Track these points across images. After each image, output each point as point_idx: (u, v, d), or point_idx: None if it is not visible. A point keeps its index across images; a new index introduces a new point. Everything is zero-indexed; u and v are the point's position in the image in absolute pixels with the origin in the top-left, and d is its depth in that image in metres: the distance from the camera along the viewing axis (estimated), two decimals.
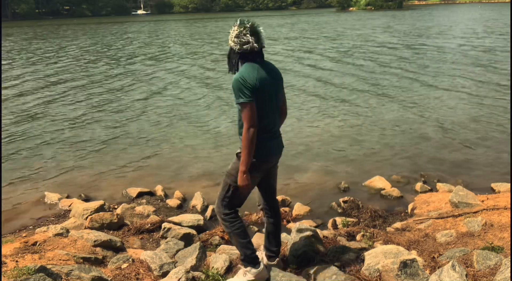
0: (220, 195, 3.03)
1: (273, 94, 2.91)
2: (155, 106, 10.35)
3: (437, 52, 18.34)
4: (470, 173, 5.90)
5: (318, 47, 21.72)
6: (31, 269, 2.91)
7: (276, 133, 3.01)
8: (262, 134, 2.84)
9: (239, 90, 2.74)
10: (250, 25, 2.81)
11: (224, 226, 3.08)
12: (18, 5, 79.69)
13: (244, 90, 2.73)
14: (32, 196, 5.55)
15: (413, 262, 3.06)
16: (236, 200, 3.01)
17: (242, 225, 3.05)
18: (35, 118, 9.45)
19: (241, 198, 3.01)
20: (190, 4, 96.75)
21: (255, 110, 2.76)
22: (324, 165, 6.38)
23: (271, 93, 2.89)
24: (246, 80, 2.74)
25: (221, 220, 3.06)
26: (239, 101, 2.75)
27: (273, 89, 2.90)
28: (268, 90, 2.85)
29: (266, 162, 2.99)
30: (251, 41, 2.79)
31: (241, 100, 2.74)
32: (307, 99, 10.48)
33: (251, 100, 2.74)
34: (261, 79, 2.80)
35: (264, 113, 2.85)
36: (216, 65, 16.75)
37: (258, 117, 2.78)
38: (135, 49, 23.98)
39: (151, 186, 5.71)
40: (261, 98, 2.80)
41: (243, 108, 2.76)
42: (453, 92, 10.71)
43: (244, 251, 3.06)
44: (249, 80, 2.75)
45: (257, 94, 2.77)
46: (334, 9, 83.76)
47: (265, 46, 2.89)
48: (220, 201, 3.03)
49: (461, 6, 78.72)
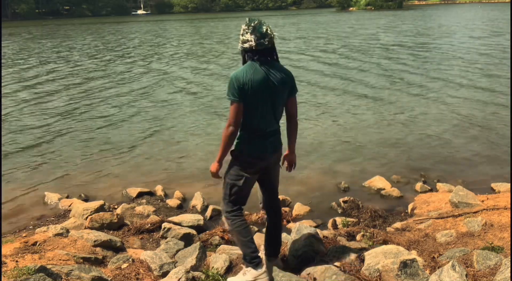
0: (222, 194, 3.11)
1: (270, 96, 2.87)
2: (155, 106, 10.35)
3: (441, 52, 18.35)
4: (470, 173, 5.90)
5: (316, 47, 21.74)
6: (31, 269, 2.91)
7: (270, 133, 2.98)
8: (252, 133, 2.92)
9: (229, 88, 2.84)
10: (254, 24, 2.82)
11: (226, 224, 3.13)
12: (18, 5, 79.67)
13: (233, 89, 2.80)
14: (32, 196, 5.55)
15: (413, 262, 3.06)
16: (236, 198, 3.05)
17: (243, 223, 3.06)
18: (35, 118, 9.44)
19: (241, 196, 3.06)
20: (190, 4, 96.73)
21: (241, 110, 2.83)
22: (324, 165, 6.38)
23: (267, 94, 2.86)
24: (239, 79, 2.79)
25: (224, 218, 3.13)
26: (227, 98, 2.87)
27: (271, 91, 2.87)
28: (263, 91, 2.83)
29: (258, 159, 2.99)
30: (251, 40, 2.80)
31: (228, 98, 2.85)
32: (307, 99, 10.48)
33: (237, 100, 2.81)
34: (256, 80, 2.80)
35: (257, 113, 2.87)
36: (223, 64, 16.75)
37: (249, 117, 2.86)
38: (144, 48, 23.99)
39: (151, 186, 5.71)
40: (254, 99, 2.82)
41: (230, 105, 2.85)
42: (453, 92, 10.71)
43: (244, 249, 3.07)
44: (241, 80, 2.78)
45: (248, 94, 2.80)
46: (334, 9, 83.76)
47: (270, 46, 2.85)
48: (222, 200, 3.12)
49: (462, 6, 78.69)
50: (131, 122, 9.01)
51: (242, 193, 3.06)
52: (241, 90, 2.78)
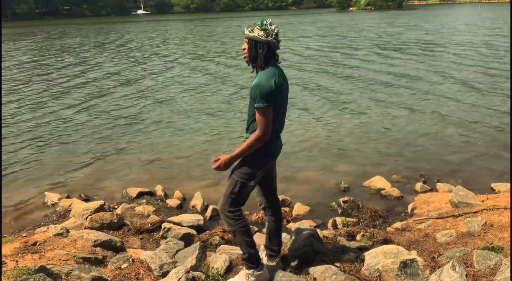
0: (227, 191, 2.99)
1: (287, 98, 2.97)
2: (155, 106, 10.35)
3: (441, 52, 18.36)
4: (470, 173, 5.90)
5: (311, 46, 21.75)
6: (31, 269, 2.91)
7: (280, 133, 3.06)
8: (271, 134, 2.89)
9: (262, 95, 2.73)
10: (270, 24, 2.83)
11: (228, 225, 3.05)
12: (18, 5, 79.65)
13: (268, 95, 2.74)
14: (32, 196, 5.55)
15: (413, 262, 3.06)
16: (242, 198, 3.00)
17: (247, 224, 3.05)
18: (35, 118, 9.44)
19: (247, 195, 3.03)
20: (190, 4, 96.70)
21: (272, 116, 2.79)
22: (324, 165, 6.38)
23: (286, 97, 2.96)
24: (272, 86, 2.75)
25: (226, 218, 3.02)
26: (259, 105, 2.75)
27: (287, 93, 2.97)
28: (285, 95, 2.92)
29: (271, 160, 3.04)
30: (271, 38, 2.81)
31: (263, 105, 2.75)
32: (307, 99, 10.48)
33: (271, 106, 2.76)
34: (283, 85, 2.86)
35: (279, 116, 2.90)
36: (225, 66, 16.75)
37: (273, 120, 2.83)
38: (147, 47, 24.00)
39: (151, 186, 5.71)
40: (279, 102, 2.84)
41: (262, 112, 2.76)
42: (453, 93, 10.71)
43: (248, 250, 3.05)
44: (273, 86, 2.75)
45: (277, 99, 2.80)
46: (334, 9, 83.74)
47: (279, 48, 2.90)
48: (226, 198, 3.00)
49: (462, 6, 78.68)
50: (131, 122, 9.01)
51: (248, 193, 3.03)
52: (274, 96, 2.76)
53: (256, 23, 2.84)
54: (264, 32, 2.79)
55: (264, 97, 2.73)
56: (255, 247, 3.09)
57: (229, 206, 2.99)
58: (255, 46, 2.83)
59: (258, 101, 2.75)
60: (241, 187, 2.95)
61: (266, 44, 2.81)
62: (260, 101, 2.74)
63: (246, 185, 2.95)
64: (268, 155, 2.97)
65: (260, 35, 2.80)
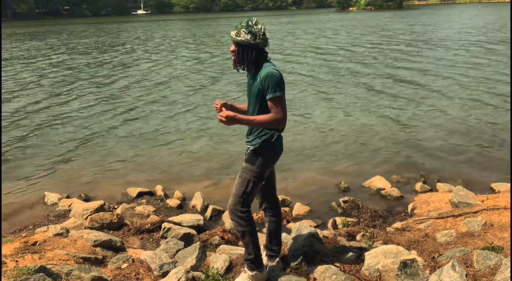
0: (238, 191, 2.93)
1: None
2: (155, 106, 10.35)
3: (439, 50, 18.35)
4: (470, 173, 5.90)
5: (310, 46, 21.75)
6: (31, 269, 2.91)
7: None
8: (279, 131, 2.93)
9: (276, 84, 2.75)
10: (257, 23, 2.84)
11: (238, 225, 2.98)
12: (18, 5, 79.64)
13: (280, 84, 2.77)
14: (32, 196, 5.55)
15: (413, 262, 3.06)
16: (253, 197, 2.98)
17: (255, 225, 3.05)
18: (35, 118, 9.45)
19: (255, 194, 3.01)
20: (190, 4, 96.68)
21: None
22: (324, 165, 6.38)
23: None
24: (281, 76, 2.80)
25: (237, 218, 2.95)
26: (276, 94, 2.75)
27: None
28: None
29: (278, 157, 3.03)
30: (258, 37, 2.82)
31: (278, 93, 2.76)
32: (307, 99, 10.48)
33: (283, 94, 2.81)
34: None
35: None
36: (218, 68, 16.75)
37: None
38: (148, 47, 24.01)
39: (151, 186, 5.72)
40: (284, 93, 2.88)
41: (278, 101, 2.77)
42: (453, 93, 10.71)
43: (255, 251, 3.03)
44: (282, 77, 2.81)
45: (284, 89, 2.85)
46: (334, 9, 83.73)
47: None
48: (237, 198, 2.93)
49: (462, 6, 78.66)
50: (131, 122, 9.01)
51: (257, 192, 3.02)
52: (284, 84, 2.82)
53: (242, 24, 2.80)
54: (252, 35, 2.77)
55: (279, 85, 2.76)
56: (260, 249, 3.08)
57: (241, 206, 2.93)
58: (242, 51, 2.83)
59: (272, 90, 2.75)
60: (253, 186, 2.92)
61: (254, 48, 2.81)
62: (276, 90, 2.75)
63: (258, 184, 2.94)
64: (279, 152, 2.98)
65: (247, 39, 2.78)
